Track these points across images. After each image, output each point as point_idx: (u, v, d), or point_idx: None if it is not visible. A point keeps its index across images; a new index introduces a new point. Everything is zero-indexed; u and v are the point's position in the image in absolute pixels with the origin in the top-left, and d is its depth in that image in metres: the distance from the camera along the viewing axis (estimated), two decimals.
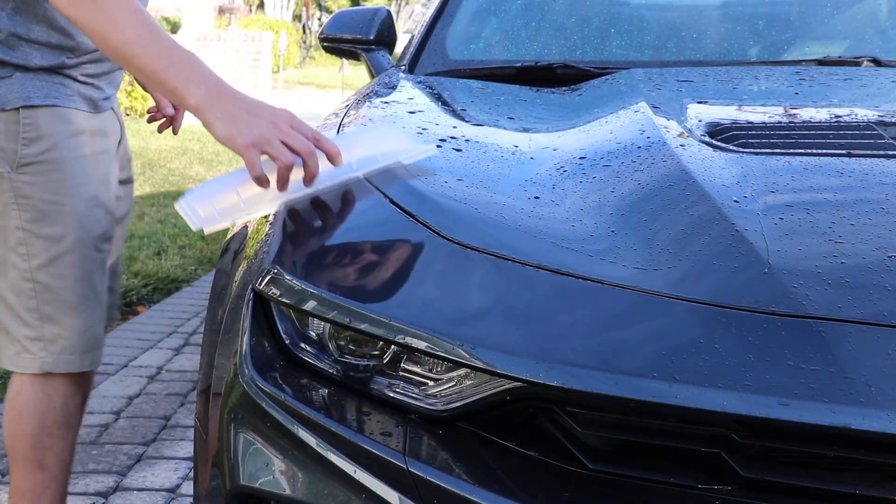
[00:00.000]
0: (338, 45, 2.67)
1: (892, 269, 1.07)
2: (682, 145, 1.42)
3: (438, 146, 1.49)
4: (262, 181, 1.34)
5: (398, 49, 2.83)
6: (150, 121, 2.08)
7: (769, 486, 0.97)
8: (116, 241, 1.89)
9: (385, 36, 2.63)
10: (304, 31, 26.43)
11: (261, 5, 29.61)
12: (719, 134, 1.48)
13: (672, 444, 1.01)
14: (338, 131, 1.69)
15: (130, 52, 1.42)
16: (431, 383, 1.12)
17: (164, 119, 2.06)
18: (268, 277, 1.24)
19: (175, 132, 2.10)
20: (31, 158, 1.64)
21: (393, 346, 1.15)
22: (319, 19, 30.75)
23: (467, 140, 1.59)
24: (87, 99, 1.72)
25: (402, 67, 2.35)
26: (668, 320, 1.04)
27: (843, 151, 1.38)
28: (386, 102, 1.91)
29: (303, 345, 1.21)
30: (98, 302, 1.76)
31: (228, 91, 1.39)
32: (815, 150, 1.41)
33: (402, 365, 1.15)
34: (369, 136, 1.54)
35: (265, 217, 1.49)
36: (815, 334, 0.98)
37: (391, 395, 1.14)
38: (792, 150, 1.41)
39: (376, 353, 1.17)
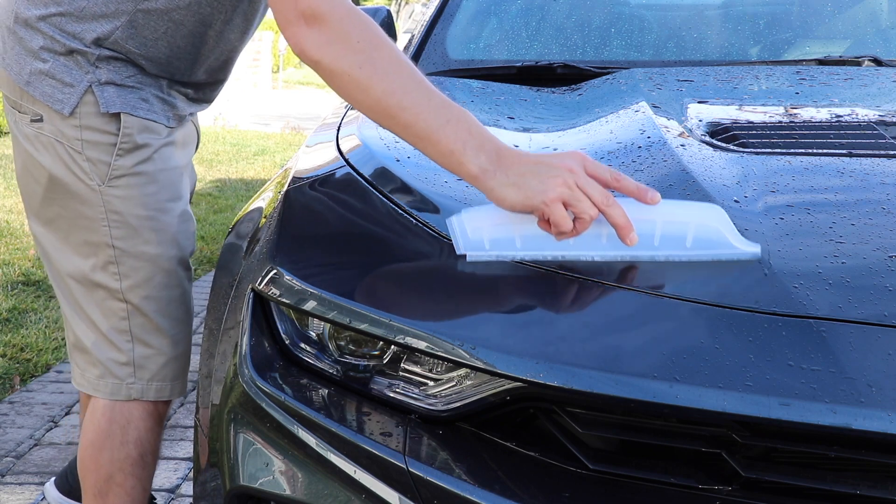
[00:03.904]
0: None
1: (893, 269, 1.07)
2: (682, 145, 1.42)
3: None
4: (565, 237, 1.17)
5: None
6: None
7: (770, 487, 0.97)
8: None
9: None
10: None
11: None
12: (720, 134, 1.48)
13: (672, 445, 1.00)
14: (337, 131, 1.68)
15: (397, 103, 1.22)
16: (431, 383, 1.12)
17: None
18: (268, 277, 1.24)
19: None
20: (125, 171, 1.51)
21: (393, 346, 1.14)
22: None
23: None
24: (179, 117, 1.62)
25: None
26: (669, 321, 1.04)
27: (844, 151, 1.38)
28: None
29: (303, 345, 1.21)
30: (189, 325, 1.65)
31: (508, 151, 1.21)
32: (815, 150, 1.41)
33: (402, 365, 1.15)
34: (685, 210, 1.21)
35: (265, 216, 1.49)
36: (816, 335, 0.98)
37: (391, 395, 1.13)
38: (792, 150, 1.41)
39: (376, 353, 1.17)
